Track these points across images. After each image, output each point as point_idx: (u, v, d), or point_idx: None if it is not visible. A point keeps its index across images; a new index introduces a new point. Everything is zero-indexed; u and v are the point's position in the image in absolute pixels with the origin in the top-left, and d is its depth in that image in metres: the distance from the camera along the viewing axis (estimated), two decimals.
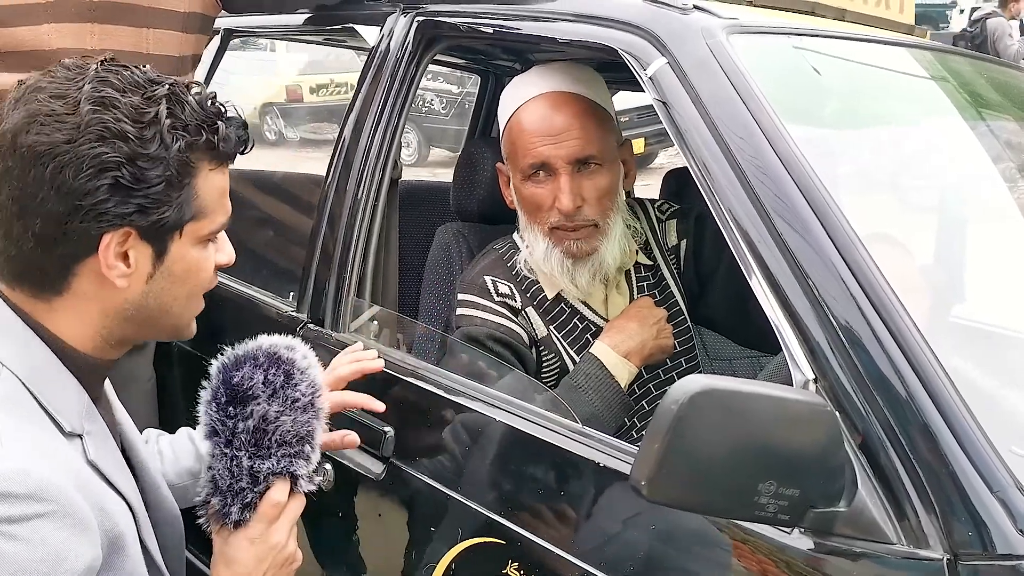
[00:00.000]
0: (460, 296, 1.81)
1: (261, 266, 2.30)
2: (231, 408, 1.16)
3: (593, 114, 1.73)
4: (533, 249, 1.76)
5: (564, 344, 1.79)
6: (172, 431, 1.49)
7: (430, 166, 10.81)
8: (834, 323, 1.11)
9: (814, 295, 1.13)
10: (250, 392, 1.17)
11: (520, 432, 1.38)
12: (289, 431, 1.18)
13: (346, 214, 1.76)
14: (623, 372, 1.69)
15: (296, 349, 1.22)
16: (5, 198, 1.02)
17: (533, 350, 1.79)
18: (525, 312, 1.79)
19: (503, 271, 1.81)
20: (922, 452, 1.03)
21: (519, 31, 1.64)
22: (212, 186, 1.12)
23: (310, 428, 1.20)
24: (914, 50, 1.89)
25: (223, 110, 1.12)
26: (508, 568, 1.32)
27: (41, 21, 1.73)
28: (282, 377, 1.18)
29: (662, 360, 1.79)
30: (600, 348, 1.71)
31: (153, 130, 1.04)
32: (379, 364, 1.53)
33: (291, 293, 1.88)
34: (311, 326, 1.78)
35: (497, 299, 1.78)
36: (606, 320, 1.79)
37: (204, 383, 1.20)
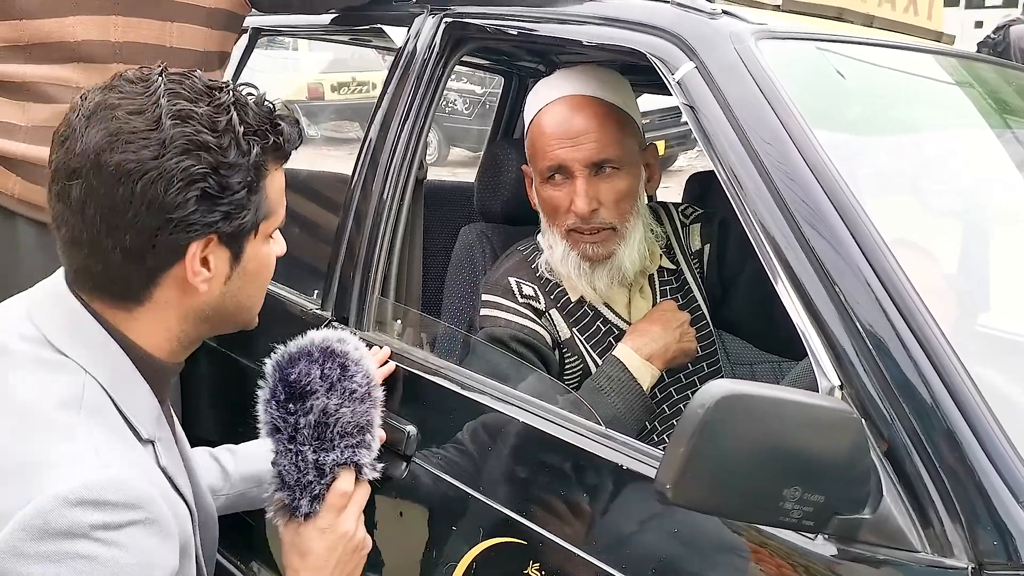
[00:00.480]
0: (484, 297, 1.82)
1: (286, 263, 2.31)
2: (291, 405, 1.19)
3: (613, 118, 1.74)
4: (552, 251, 1.77)
5: (587, 347, 1.79)
6: (196, 426, 1.51)
7: (450, 165, 10.82)
8: (860, 329, 1.11)
9: (840, 301, 1.13)
10: (308, 387, 1.19)
11: (542, 433, 1.38)
12: (350, 422, 1.21)
13: (372, 213, 1.77)
14: (645, 375, 1.70)
15: (347, 341, 1.24)
16: (92, 216, 1.03)
17: (556, 352, 1.80)
18: (549, 314, 1.80)
19: (527, 272, 1.82)
20: (948, 460, 1.03)
21: (547, 34, 1.64)
22: (276, 185, 1.15)
23: (369, 417, 1.23)
24: (941, 57, 1.89)
25: (275, 109, 1.15)
26: (529, 568, 1.32)
27: (66, 13, 1.75)
28: (338, 370, 1.21)
29: (684, 364, 1.79)
30: (623, 351, 1.71)
31: (228, 138, 1.06)
32: (386, 352, 1.59)
33: (316, 291, 1.89)
34: (335, 324, 1.79)
35: (521, 300, 1.79)
36: (629, 323, 1.80)
37: (260, 382, 1.22)
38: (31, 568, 0.93)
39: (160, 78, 1.07)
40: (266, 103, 1.13)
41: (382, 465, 1.25)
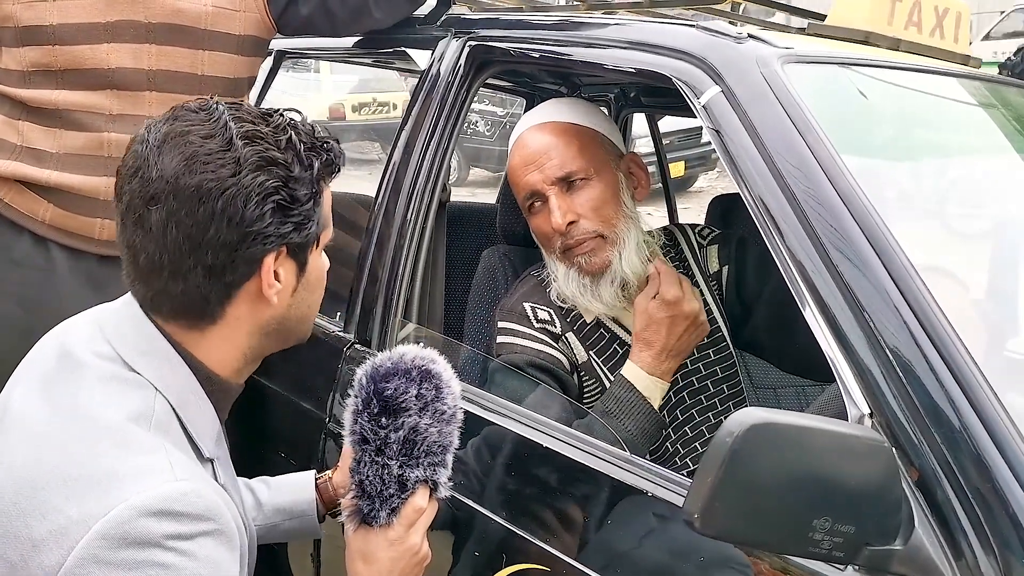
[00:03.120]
0: (500, 324, 1.82)
1: None
2: (383, 419, 1.22)
3: (572, 133, 1.78)
4: (557, 278, 1.78)
5: (604, 369, 1.78)
6: None
7: (470, 186, 10.86)
8: (889, 356, 1.10)
9: (869, 327, 1.12)
10: (403, 404, 1.22)
11: (566, 458, 1.37)
12: (436, 442, 1.24)
13: (394, 236, 1.78)
14: (655, 391, 1.68)
15: (437, 362, 1.27)
16: (174, 237, 1.07)
17: (574, 375, 1.79)
18: (565, 337, 1.80)
19: (542, 297, 1.82)
20: (979, 489, 1.01)
21: (572, 58, 1.65)
22: (327, 200, 1.22)
23: (452, 439, 1.26)
24: (969, 80, 1.87)
25: (316, 131, 1.20)
26: None
27: (101, 40, 1.76)
28: (433, 391, 1.24)
29: (695, 353, 1.78)
30: (630, 370, 1.69)
31: (291, 154, 1.12)
32: None
33: (338, 313, 1.89)
34: (358, 346, 1.79)
35: (537, 325, 1.79)
36: None
37: (350, 391, 1.25)
38: (109, 574, 0.97)
39: (219, 106, 1.13)
40: (307, 125, 1.19)
41: (452, 483, 1.27)
